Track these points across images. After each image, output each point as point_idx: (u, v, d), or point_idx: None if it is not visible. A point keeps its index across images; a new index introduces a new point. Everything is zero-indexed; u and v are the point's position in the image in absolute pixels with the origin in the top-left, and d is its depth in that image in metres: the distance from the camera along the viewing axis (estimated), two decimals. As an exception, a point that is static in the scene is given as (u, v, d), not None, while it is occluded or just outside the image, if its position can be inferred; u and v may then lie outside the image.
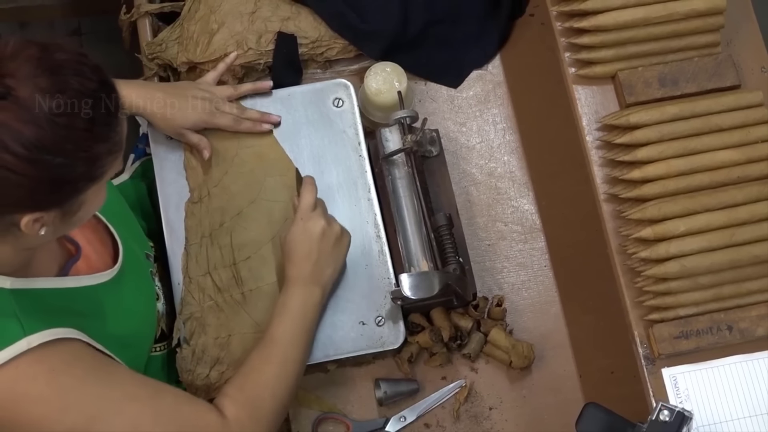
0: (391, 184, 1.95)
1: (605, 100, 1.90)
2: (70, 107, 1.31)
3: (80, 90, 1.32)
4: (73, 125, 1.31)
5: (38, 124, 1.29)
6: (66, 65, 1.33)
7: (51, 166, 1.32)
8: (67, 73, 1.32)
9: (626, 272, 1.80)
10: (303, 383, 1.91)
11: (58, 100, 1.30)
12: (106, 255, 1.70)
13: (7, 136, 1.28)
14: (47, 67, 1.31)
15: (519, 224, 2.05)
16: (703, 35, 1.89)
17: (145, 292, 1.78)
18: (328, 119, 2.02)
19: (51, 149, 1.31)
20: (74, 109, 1.31)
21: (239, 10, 2.09)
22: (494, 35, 2.18)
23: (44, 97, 1.29)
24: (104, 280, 1.64)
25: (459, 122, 2.13)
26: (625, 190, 1.81)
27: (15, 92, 1.28)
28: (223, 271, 1.90)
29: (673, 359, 1.76)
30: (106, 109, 1.36)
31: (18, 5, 3.01)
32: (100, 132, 1.35)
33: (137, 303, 1.73)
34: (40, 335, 1.44)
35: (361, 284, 1.91)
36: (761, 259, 1.75)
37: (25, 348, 1.42)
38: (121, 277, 1.68)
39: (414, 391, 1.92)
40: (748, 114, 1.83)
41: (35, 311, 1.47)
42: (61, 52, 1.33)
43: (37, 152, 1.30)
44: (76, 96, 1.32)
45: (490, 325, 1.94)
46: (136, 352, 1.70)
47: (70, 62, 1.33)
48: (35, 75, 1.30)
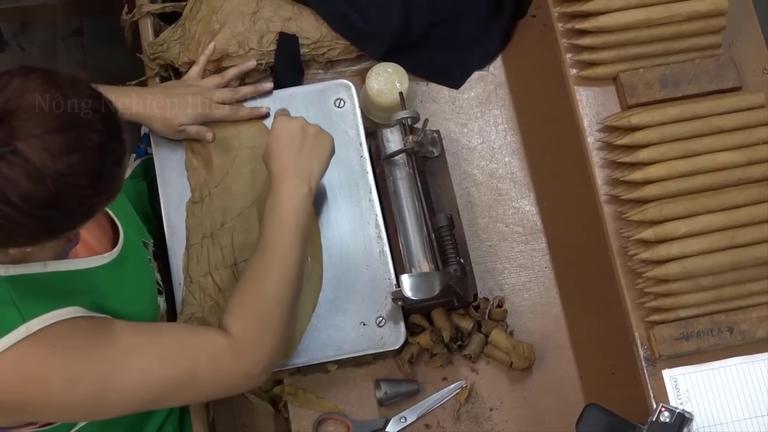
0: (392, 184, 1.95)
1: (607, 102, 1.90)
2: (77, 167, 1.30)
3: (90, 147, 1.31)
4: (78, 184, 1.31)
5: (44, 182, 1.28)
6: (78, 118, 1.31)
7: (51, 219, 1.32)
8: (78, 129, 1.30)
9: (627, 273, 1.80)
10: (303, 383, 1.91)
11: (68, 160, 1.29)
12: (105, 240, 1.69)
13: (11, 192, 1.27)
14: (58, 124, 1.29)
15: (520, 225, 2.05)
16: (704, 37, 1.89)
17: (145, 278, 1.77)
18: (330, 120, 2.02)
19: (54, 206, 1.30)
20: (82, 167, 1.30)
21: (241, 10, 2.09)
22: (496, 36, 2.18)
23: (54, 157, 1.28)
24: (103, 263, 1.63)
25: (460, 123, 2.13)
26: (626, 192, 1.81)
27: (22, 152, 1.27)
28: (224, 272, 1.90)
29: (674, 360, 1.76)
30: (113, 161, 1.35)
31: (19, 5, 3.00)
32: (105, 186, 1.35)
33: (137, 287, 1.72)
34: (40, 320, 1.45)
35: (362, 285, 1.91)
36: (762, 260, 1.75)
37: (25, 334, 1.43)
38: (122, 261, 1.67)
39: (414, 392, 1.92)
40: (749, 116, 1.83)
41: (33, 296, 1.47)
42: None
43: (40, 209, 1.29)
44: (85, 154, 1.30)
45: (490, 326, 1.94)
46: None
47: (82, 114, 1.31)
48: (45, 132, 1.28)
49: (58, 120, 1.29)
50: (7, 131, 1.27)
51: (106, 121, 1.34)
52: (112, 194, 1.38)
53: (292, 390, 1.91)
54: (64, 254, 1.59)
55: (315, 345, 1.87)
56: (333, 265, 1.92)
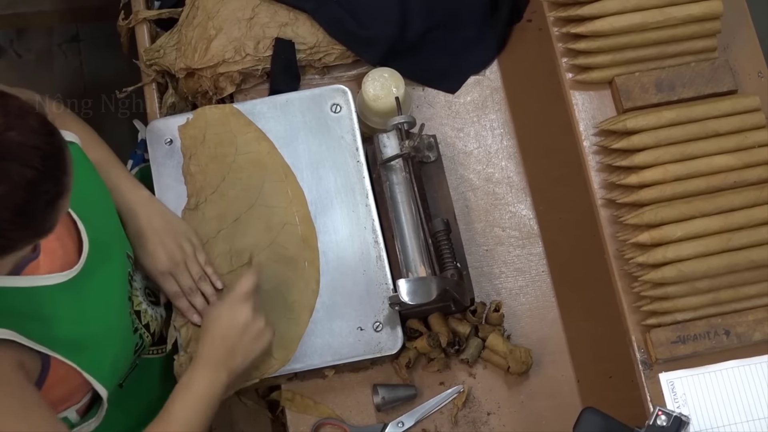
0: (388, 189, 1.95)
1: (602, 106, 1.90)
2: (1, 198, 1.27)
3: (17, 182, 1.27)
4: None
5: None
6: (13, 150, 1.27)
7: None
8: (9, 161, 1.26)
9: (623, 277, 1.80)
10: (301, 389, 1.91)
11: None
12: (74, 251, 1.65)
13: None
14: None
15: (516, 229, 2.05)
16: (699, 40, 1.89)
17: (114, 293, 1.73)
18: (326, 125, 2.02)
19: None
20: (4, 200, 1.27)
21: (237, 16, 2.10)
22: (492, 41, 2.18)
23: None
24: (60, 281, 1.59)
25: (456, 128, 2.13)
26: (623, 195, 1.81)
27: None
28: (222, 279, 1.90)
29: (671, 364, 1.76)
30: (44, 203, 1.31)
31: (16, 11, 3.01)
32: (28, 224, 1.31)
33: (103, 304, 1.68)
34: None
35: (359, 290, 1.91)
36: (758, 263, 1.75)
37: None
38: (83, 279, 1.63)
39: (412, 397, 1.92)
40: (744, 119, 1.83)
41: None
42: (17, 131, 1.27)
43: None
44: (11, 189, 1.27)
45: (488, 330, 1.94)
46: (95, 353, 1.64)
47: (20, 147, 1.27)
48: None
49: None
50: None
51: (45, 160, 1.30)
52: (39, 234, 1.34)
53: (290, 395, 1.91)
54: (19, 269, 1.54)
55: (312, 350, 1.88)
56: (330, 270, 1.92)
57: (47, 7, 3.01)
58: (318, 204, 1.96)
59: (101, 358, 1.67)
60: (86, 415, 1.70)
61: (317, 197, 1.96)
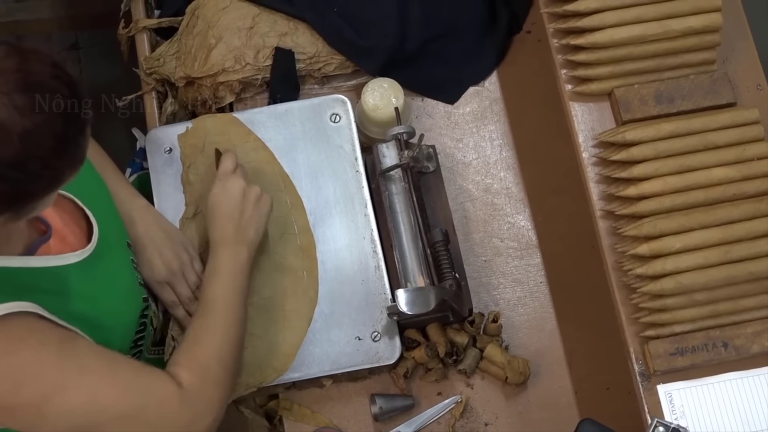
0: (387, 199, 1.95)
1: (601, 117, 1.90)
2: (42, 127, 1.31)
3: (54, 110, 1.33)
4: (43, 144, 1.32)
5: (10, 140, 1.29)
6: (43, 82, 1.33)
7: (13, 181, 1.32)
8: (44, 91, 1.32)
9: (622, 289, 1.80)
10: (299, 398, 1.91)
11: (33, 120, 1.30)
12: (82, 237, 1.68)
13: None
14: (24, 84, 1.31)
15: (515, 240, 2.05)
16: (699, 53, 1.90)
17: (122, 277, 1.75)
18: (325, 135, 2.02)
19: (17, 166, 1.31)
20: (47, 128, 1.32)
21: (237, 25, 2.10)
22: (491, 52, 2.18)
23: (19, 116, 1.29)
24: (73, 261, 1.61)
25: (456, 138, 2.13)
26: (621, 207, 1.81)
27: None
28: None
29: (669, 376, 1.76)
30: (77, 127, 1.37)
31: (15, 18, 3.01)
32: (68, 150, 1.37)
33: (111, 285, 1.70)
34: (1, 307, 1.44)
35: (358, 299, 1.91)
36: (757, 275, 1.76)
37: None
38: (94, 260, 1.66)
39: (409, 407, 1.92)
40: (743, 131, 1.83)
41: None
42: (39, 64, 1.33)
43: (6, 168, 1.30)
44: (50, 115, 1.32)
45: (485, 340, 1.94)
46: (108, 333, 1.66)
47: (48, 78, 1.34)
48: (12, 91, 1.29)
49: (22, 81, 1.31)
50: None
51: (69, 88, 1.36)
52: (75, 161, 1.39)
53: (288, 404, 1.91)
54: (32, 249, 1.57)
55: (310, 359, 1.88)
56: (328, 280, 1.92)
57: (46, 15, 3.02)
58: (317, 213, 1.96)
59: (113, 338, 1.68)
60: None
61: (316, 207, 1.96)
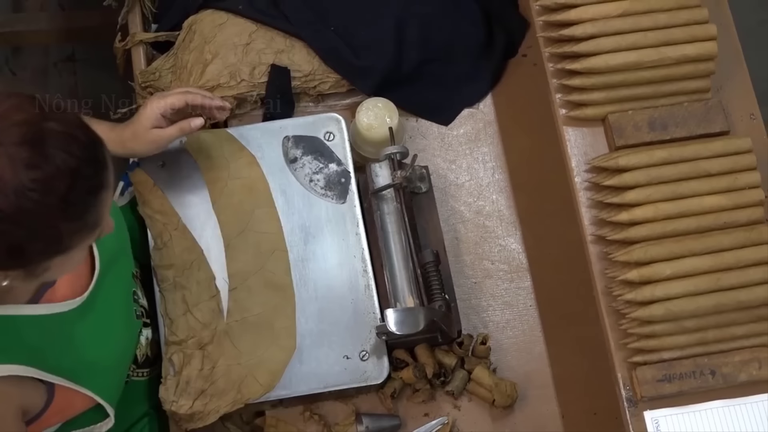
0: (379, 219, 1.95)
1: (595, 142, 1.91)
2: (44, 184, 1.29)
3: (60, 168, 1.30)
4: (42, 202, 1.29)
5: (5, 194, 1.27)
6: (54, 137, 1.30)
7: (11, 236, 1.30)
8: (52, 147, 1.29)
9: (611, 314, 1.80)
10: (285, 415, 1.91)
11: (32, 174, 1.28)
12: (87, 276, 1.67)
13: None
14: (32, 137, 1.28)
15: (506, 263, 2.05)
16: (693, 81, 1.90)
17: (122, 313, 1.75)
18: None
19: (14, 221, 1.29)
20: (49, 186, 1.29)
21: (233, 41, 2.10)
22: (487, 74, 2.19)
23: (20, 169, 1.27)
24: (73, 307, 1.61)
25: (449, 160, 2.13)
26: (613, 232, 1.81)
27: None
28: (204, 305, 1.89)
29: (656, 402, 1.76)
30: (86, 190, 1.34)
31: (13, 29, 3.01)
32: (72, 212, 1.33)
33: (108, 329, 1.69)
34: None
35: (347, 318, 1.91)
36: (746, 304, 1.76)
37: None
38: (93, 303, 1.65)
39: (396, 427, 1.91)
40: (736, 160, 1.83)
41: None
42: (55, 122, 1.31)
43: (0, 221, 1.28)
44: (54, 172, 1.29)
45: (474, 362, 1.94)
46: (107, 378, 1.67)
47: (60, 135, 1.30)
48: (18, 143, 1.27)
49: (31, 134, 1.28)
50: None
51: (85, 149, 1.33)
52: (85, 225, 1.36)
53: (274, 422, 1.91)
54: (38, 297, 1.57)
55: (298, 377, 1.87)
56: (318, 298, 1.92)
57: (44, 27, 3.01)
58: (308, 231, 1.96)
59: (110, 379, 1.69)
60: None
61: (308, 225, 1.96)
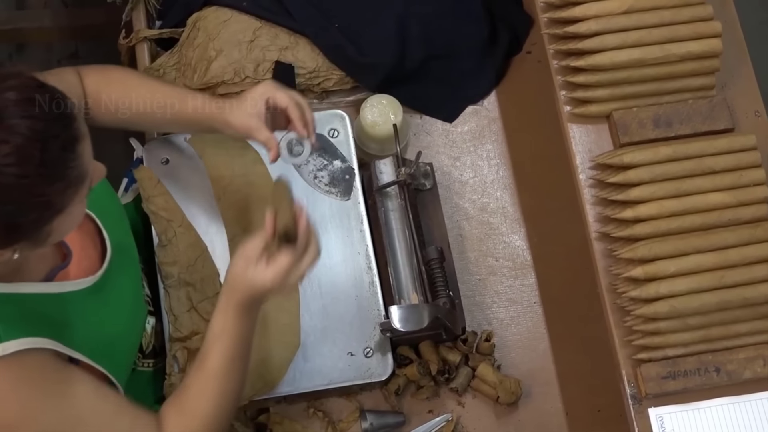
0: (383, 215, 1.95)
1: (599, 139, 1.91)
2: (17, 156, 1.28)
3: (27, 136, 1.29)
4: (21, 174, 1.29)
5: None
6: (12, 107, 1.29)
7: (2, 215, 1.30)
8: (14, 117, 1.28)
9: (615, 311, 1.80)
10: (289, 412, 1.91)
11: (4, 149, 1.27)
12: (97, 259, 1.68)
13: None
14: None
15: (510, 260, 2.05)
16: (698, 78, 1.90)
17: (131, 296, 1.76)
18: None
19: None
20: (21, 156, 1.28)
21: (238, 38, 2.10)
22: (491, 72, 2.19)
23: None
24: (86, 286, 1.62)
25: (453, 156, 2.13)
26: (617, 229, 1.81)
27: None
28: (209, 302, 1.89)
29: (660, 399, 1.76)
30: (60, 148, 1.32)
31: (16, 26, 3.01)
32: (54, 174, 1.33)
33: (120, 307, 1.70)
34: (16, 343, 1.43)
35: (351, 315, 1.91)
36: (750, 301, 1.76)
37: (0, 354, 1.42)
38: (105, 283, 1.66)
39: (400, 424, 1.91)
40: (740, 157, 1.83)
41: (15, 317, 1.46)
42: (11, 91, 1.30)
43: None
44: (23, 142, 1.28)
45: (478, 359, 1.94)
46: (117, 358, 1.67)
47: (19, 103, 1.29)
48: None
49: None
50: None
51: (47, 108, 1.32)
52: (71, 181, 1.35)
53: (278, 418, 1.91)
54: (51, 276, 1.58)
55: (302, 374, 1.87)
56: (322, 295, 1.92)
57: (48, 24, 3.01)
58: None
59: (121, 359, 1.70)
60: None
61: (312, 221, 1.95)
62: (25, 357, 1.45)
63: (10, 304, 1.48)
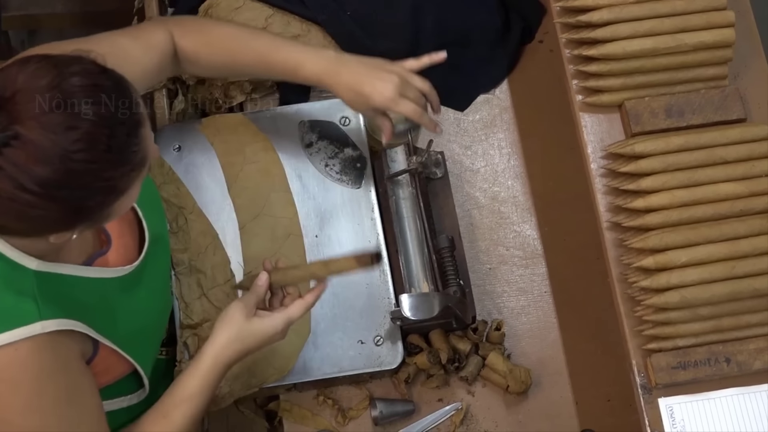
0: (395, 204, 1.95)
1: (611, 129, 1.90)
2: (86, 141, 1.30)
3: (95, 122, 1.31)
4: (89, 159, 1.31)
5: (51, 162, 1.29)
6: (80, 93, 1.31)
7: (70, 199, 1.33)
8: (82, 104, 1.31)
9: (626, 301, 1.80)
10: (299, 400, 1.91)
11: (71, 136, 1.29)
12: (134, 248, 1.70)
13: (22, 177, 1.28)
14: (60, 101, 1.29)
15: (520, 249, 2.05)
16: (710, 68, 1.90)
17: (162, 287, 1.79)
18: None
19: (67, 185, 1.31)
20: (90, 142, 1.31)
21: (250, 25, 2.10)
22: (503, 60, 2.18)
23: (58, 135, 1.29)
24: (123, 274, 1.64)
25: (464, 145, 2.13)
26: (628, 219, 1.81)
27: (24, 135, 1.28)
28: (219, 289, 1.90)
29: (670, 389, 1.76)
30: (125, 133, 1.35)
31: (28, 12, 3.01)
32: (120, 158, 1.35)
33: (151, 300, 1.73)
34: (55, 322, 1.45)
35: (361, 303, 1.91)
36: (761, 292, 1.75)
37: (39, 331, 1.43)
38: (141, 273, 1.68)
39: (410, 412, 1.92)
40: (753, 147, 1.83)
41: (53, 297, 1.48)
42: (76, 77, 1.32)
43: (54, 189, 1.30)
44: (91, 128, 1.31)
45: (488, 348, 1.94)
46: (144, 348, 1.69)
47: (86, 89, 1.32)
48: (45, 112, 1.28)
49: (55, 99, 1.29)
50: (7, 116, 1.28)
51: (113, 93, 1.34)
52: (134, 166, 1.38)
53: (288, 406, 1.91)
54: (91, 261, 1.60)
55: (312, 362, 1.87)
56: (332, 283, 1.91)
57: (59, 10, 3.02)
58: (323, 216, 1.96)
59: (148, 349, 1.72)
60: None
61: (323, 209, 1.96)
62: (56, 343, 1.47)
63: (49, 282, 1.49)
